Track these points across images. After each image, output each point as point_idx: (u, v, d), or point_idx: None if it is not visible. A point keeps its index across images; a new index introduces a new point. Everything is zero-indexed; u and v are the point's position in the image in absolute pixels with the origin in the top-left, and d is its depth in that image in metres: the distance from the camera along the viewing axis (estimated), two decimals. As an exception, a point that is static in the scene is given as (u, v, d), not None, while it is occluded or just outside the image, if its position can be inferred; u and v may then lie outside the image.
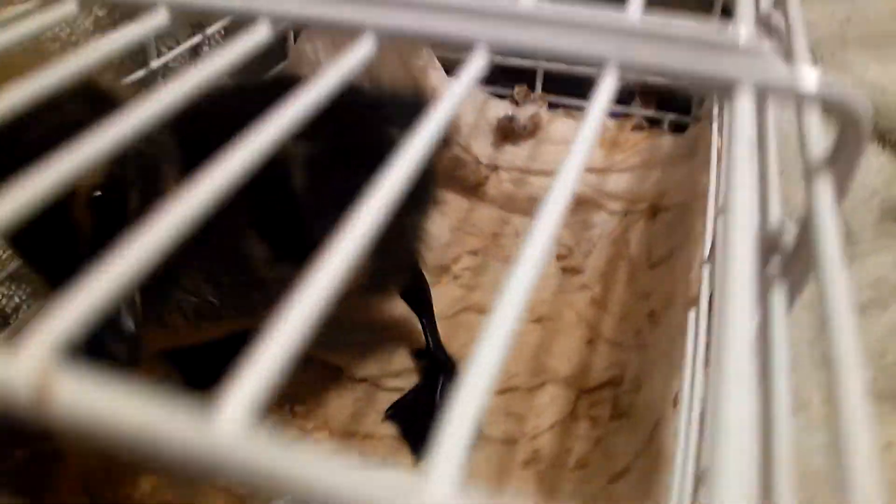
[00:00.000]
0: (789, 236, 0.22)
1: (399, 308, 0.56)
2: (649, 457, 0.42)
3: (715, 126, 0.57)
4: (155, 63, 0.51)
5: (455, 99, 0.21)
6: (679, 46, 0.22)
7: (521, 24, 0.22)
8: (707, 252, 0.45)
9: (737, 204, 0.17)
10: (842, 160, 0.20)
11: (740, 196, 0.17)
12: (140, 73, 0.51)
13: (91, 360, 0.31)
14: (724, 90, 0.21)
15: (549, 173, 0.72)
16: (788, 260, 0.22)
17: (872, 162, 0.58)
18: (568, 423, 0.50)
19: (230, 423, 0.10)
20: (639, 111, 0.76)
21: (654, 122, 0.76)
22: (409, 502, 0.09)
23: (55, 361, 0.10)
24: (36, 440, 0.47)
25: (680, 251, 0.55)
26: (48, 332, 0.11)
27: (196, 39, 0.56)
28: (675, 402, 0.43)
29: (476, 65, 0.22)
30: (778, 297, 0.21)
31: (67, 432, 0.10)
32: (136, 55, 0.51)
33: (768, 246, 0.23)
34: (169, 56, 0.53)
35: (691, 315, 0.44)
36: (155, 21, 0.24)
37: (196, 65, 0.21)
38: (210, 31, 0.57)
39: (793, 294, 0.22)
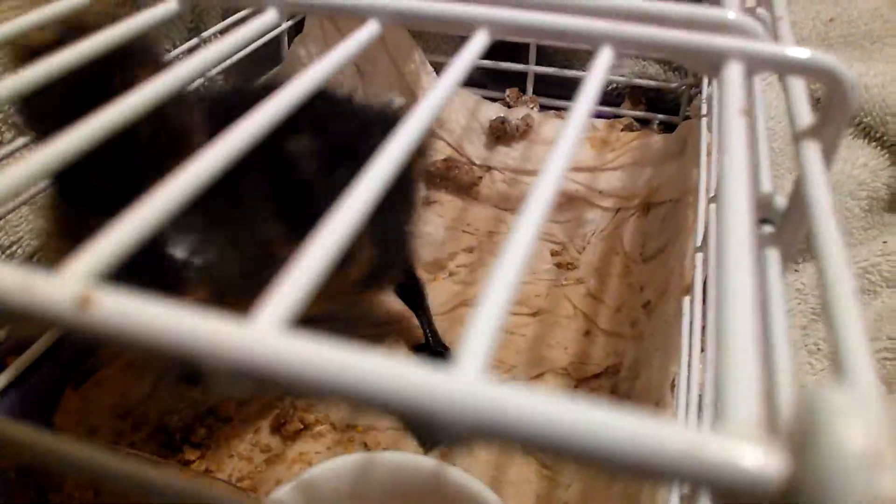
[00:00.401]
0: (781, 201, 0.23)
1: (398, 304, 0.57)
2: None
3: (704, 122, 0.58)
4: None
5: (456, 75, 0.22)
6: (671, 24, 0.23)
7: (520, 5, 0.23)
8: (699, 240, 0.46)
9: (732, 164, 0.18)
10: (830, 124, 0.21)
11: (736, 158, 0.18)
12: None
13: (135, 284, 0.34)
14: (715, 63, 0.22)
15: (542, 173, 0.73)
16: (780, 226, 0.23)
17: (859, 155, 0.59)
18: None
19: (267, 325, 0.10)
20: (628, 112, 0.78)
21: (643, 123, 0.77)
22: (442, 388, 0.10)
23: (96, 280, 0.11)
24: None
25: (673, 244, 0.56)
26: (89, 257, 0.11)
27: (193, 42, 0.57)
28: (673, 387, 0.44)
29: (477, 44, 0.23)
30: (772, 260, 0.22)
31: (108, 339, 0.11)
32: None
33: (760, 213, 0.24)
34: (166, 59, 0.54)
35: (686, 301, 0.45)
36: (166, 7, 0.25)
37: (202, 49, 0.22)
38: (206, 34, 0.58)
39: (785, 258, 0.23)
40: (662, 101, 0.77)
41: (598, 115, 0.77)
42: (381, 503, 0.36)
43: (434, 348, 0.54)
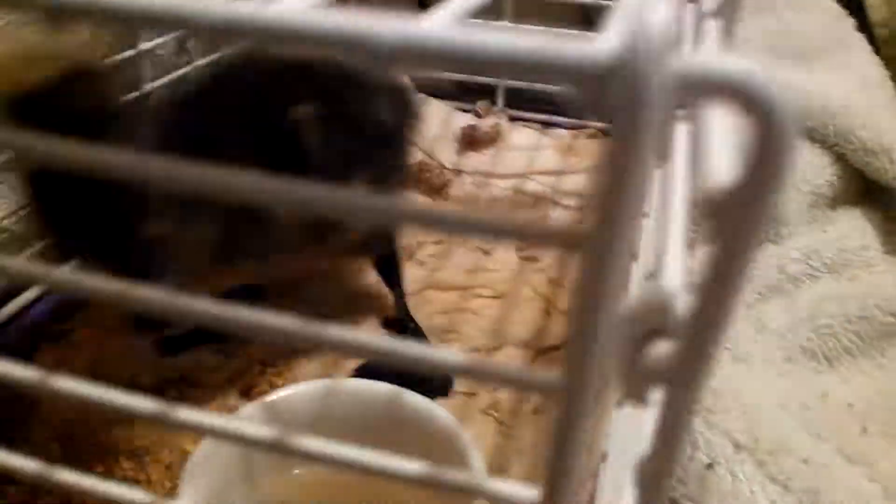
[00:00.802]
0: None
1: (368, 278, 0.59)
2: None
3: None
4: (145, 45, 0.56)
5: None
6: None
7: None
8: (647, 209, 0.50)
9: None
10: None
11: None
12: (129, 53, 0.55)
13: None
14: None
15: (509, 176, 0.77)
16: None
17: (803, 154, 0.64)
18: (525, 379, 0.53)
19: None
20: (593, 123, 0.82)
21: (607, 134, 0.81)
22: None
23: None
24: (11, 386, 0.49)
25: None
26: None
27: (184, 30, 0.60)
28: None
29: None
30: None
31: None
32: (125, 37, 0.55)
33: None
34: (158, 41, 0.57)
35: (634, 266, 0.48)
36: None
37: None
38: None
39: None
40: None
41: (565, 126, 0.82)
42: (342, 425, 0.38)
43: (404, 322, 0.57)
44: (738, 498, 0.39)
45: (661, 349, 0.14)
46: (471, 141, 0.79)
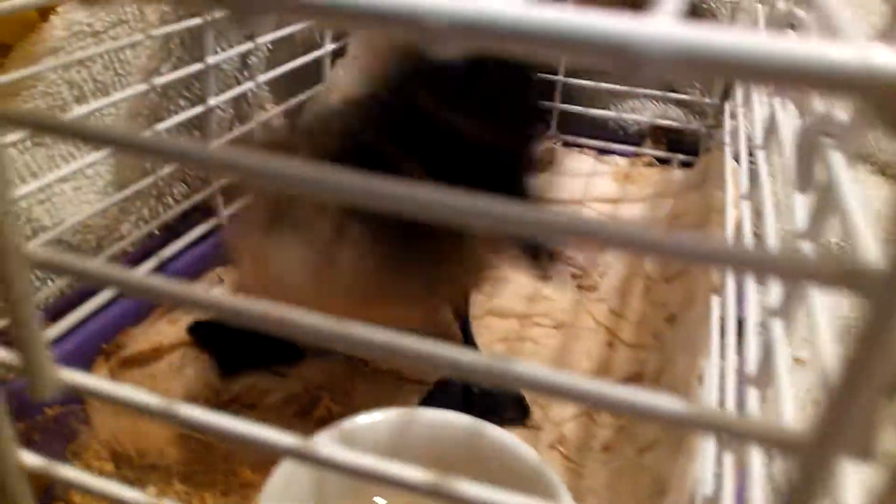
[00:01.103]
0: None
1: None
2: (676, 431, 0.43)
3: (728, 150, 0.61)
4: (211, 59, 0.55)
5: None
6: None
7: None
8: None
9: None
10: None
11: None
12: (197, 66, 0.54)
13: None
14: None
15: (565, 202, 0.75)
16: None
17: (872, 190, 0.62)
18: (591, 413, 0.51)
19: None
20: (649, 151, 0.81)
21: (664, 163, 0.80)
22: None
23: None
24: (69, 400, 0.48)
25: (697, 260, 0.58)
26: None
27: (248, 46, 0.60)
28: (700, 381, 0.44)
29: None
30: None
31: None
32: (193, 50, 0.55)
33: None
34: (223, 56, 0.57)
35: (715, 299, 0.46)
36: None
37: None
38: (259, 41, 0.61)
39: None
40: (682, 143, 0.81)
41: (620, 154, 0.80)
42: (419, 456, 0.36)
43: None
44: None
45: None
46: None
